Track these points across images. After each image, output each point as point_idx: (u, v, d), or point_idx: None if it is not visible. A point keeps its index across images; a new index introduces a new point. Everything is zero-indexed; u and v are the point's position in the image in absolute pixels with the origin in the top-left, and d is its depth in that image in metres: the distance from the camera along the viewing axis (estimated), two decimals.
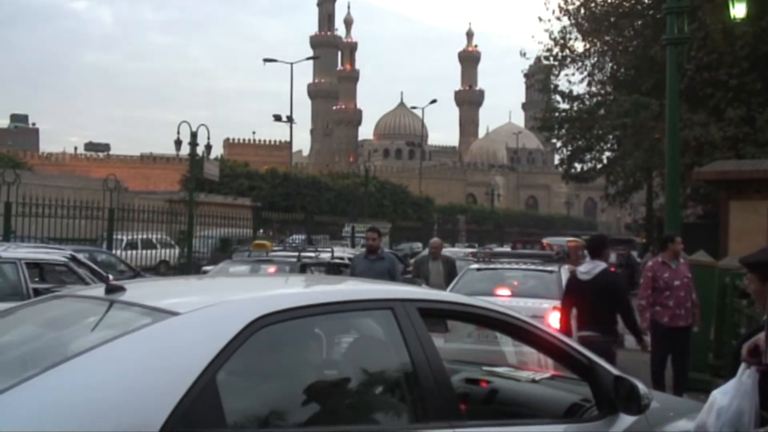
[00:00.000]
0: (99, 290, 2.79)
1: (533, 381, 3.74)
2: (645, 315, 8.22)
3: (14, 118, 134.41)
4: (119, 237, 21.01)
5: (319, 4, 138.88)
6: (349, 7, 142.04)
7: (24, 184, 19.50)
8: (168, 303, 2.53)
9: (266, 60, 45.13)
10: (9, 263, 8.54)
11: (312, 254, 12.94)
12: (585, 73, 22.23)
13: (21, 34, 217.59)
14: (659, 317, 8.19)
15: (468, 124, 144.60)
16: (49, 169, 66.36)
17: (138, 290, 2.91)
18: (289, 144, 60.50)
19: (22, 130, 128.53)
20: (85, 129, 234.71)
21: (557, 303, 8.64)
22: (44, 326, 2.81)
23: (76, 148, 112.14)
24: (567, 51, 21.92)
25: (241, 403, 2.35)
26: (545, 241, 22.66)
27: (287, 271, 10.95)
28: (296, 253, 12.64)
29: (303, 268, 11.37)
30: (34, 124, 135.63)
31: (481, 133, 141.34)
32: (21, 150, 77.53)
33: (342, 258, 14.32)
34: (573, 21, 21.50)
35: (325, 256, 12.94)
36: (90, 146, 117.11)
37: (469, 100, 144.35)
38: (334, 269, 12.36)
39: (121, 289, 2.70)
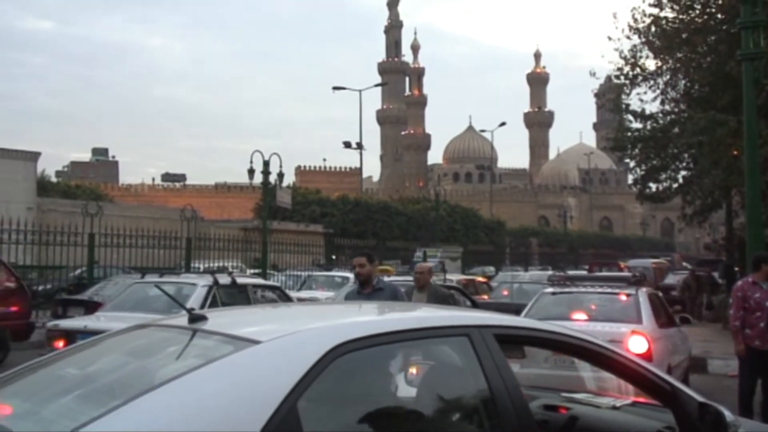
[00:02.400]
0: (182, 319, 2.86)
1: (614, 408, 3.66)
2: (739, 337, 7.97)
3: (95, 151, 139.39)
4: (196, 265, 21.51)
5: (386, 31, 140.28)
6: (415, 33, 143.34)
7: (106, 216, 20.20)
8: (249, 331, 2.58)
9: (335, 88, 45.77)
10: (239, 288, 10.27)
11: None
12: (657, 92, 21.79)
13: (100, 72, 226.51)
14: (749, 340, 7.92)
15: (538, 145, 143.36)
16: (129, 200, 68.44)
17: (219, 319, 2.97)
18: (359, 170, 60.97)
19: (103, 163, 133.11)
20: (162, 160, 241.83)
21: (636, 327, 8.46)
22: (130, 355, 2.89)
23: (153, 179, 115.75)
24: (638, 69, 21.54)
25: (321, 430, 2.38)
26: (623, 263, 22.25)
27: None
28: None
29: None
30: (114, 156, 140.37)
31: (552, 154, 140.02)
32: (102, 182, 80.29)
33: (451, 281, 15.61)
34: (643, 39, 21.14)
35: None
36: (167, 177, 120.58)
37: (539, 121, 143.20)
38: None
39: (204, 318, 2.78)
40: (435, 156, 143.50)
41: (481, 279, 24.75)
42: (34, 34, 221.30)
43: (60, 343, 8.87)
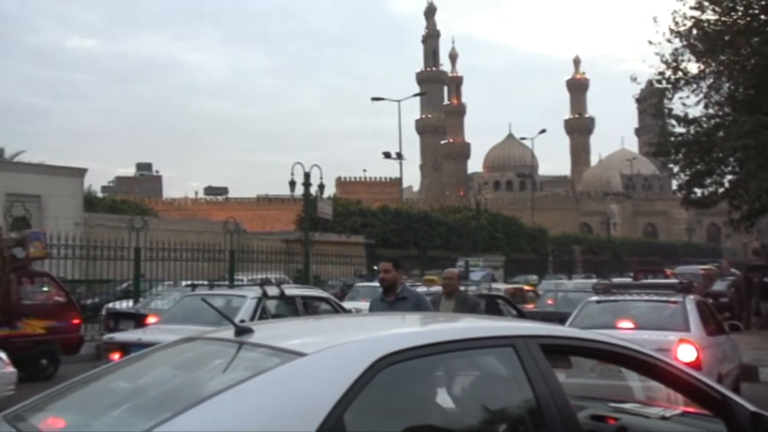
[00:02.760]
0: (229, 332, 2.90)
1: (663, 418, 3.60)
2: None
3: (140, 166, 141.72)
4: (239, 277, 21.71)
5: (424, 41, 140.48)
6: (453, 42, 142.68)
7: (151, 230, 20.51)
8: (294, 344, 2.60)
9: (374, 99, 45.95)
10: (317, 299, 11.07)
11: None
12: (701, 95, 21.47)
13: (142, 87, 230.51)
14: None
15: (579, 152, 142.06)
16: (173, 214, 69.34)
17: (265, 332, 3.00)
18: (400, 180, 61.08)
19: (147, 177, 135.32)
20: (204, 174, 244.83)
21: (684, 335, 8.32)
22: (178, 368, 2.93)
23: (196, 193, 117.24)
24: (680, 73, 21.24)
25: None
26: (670, 270, 21.85)
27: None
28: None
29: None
30: (157, 171, 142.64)
31: (593, 160, 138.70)
32: (146, 197, 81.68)
33: (499, 290, 15.97)
34: (685, 42, 20.85)
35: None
36: (209, 190, 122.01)
37: (580, 128, 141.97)
38: (492, 301, 13.61)
39: (250, 330, 2.81)
40: (475, 164, 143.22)
41: (528, 288, 24.58)
42: (79, 52, 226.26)
43: (116, 356, 9.10)
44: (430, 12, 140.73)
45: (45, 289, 14.58)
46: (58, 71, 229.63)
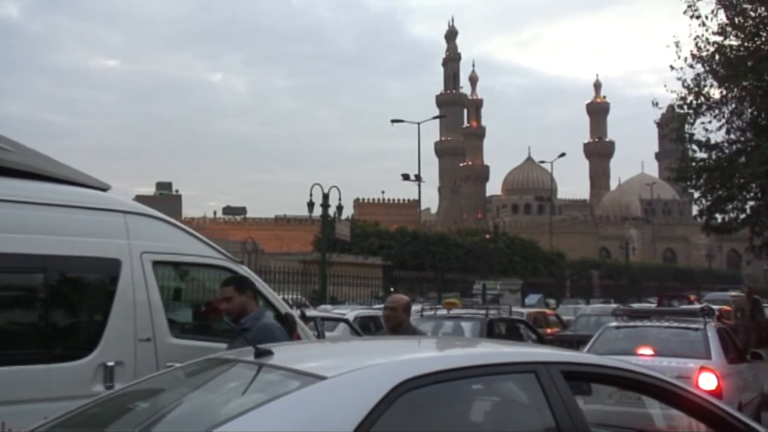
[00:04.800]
0: (248, 354, 2.89)
1: None
2: None
3: (159, 185, 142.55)
4: None
5: (444, 64, 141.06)
6: (473, 65, 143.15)
7: None
8: (314, 366, 2.60)
9: (394, 120, 46.08)
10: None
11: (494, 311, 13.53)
12: (723, 121, 21.32)
13: (162, 107, 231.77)
14: None
15: (598, 176, 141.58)
16: None
17: (285, 354, 3.00)
18: (418, 202, 61.06)
19: (167, 197, 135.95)
20: (222, 194, 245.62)
21: (705, 363, 8.22)
22: (197, 389, 2.93)
23: (215, 213, 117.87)
24: (702, 98, 21.14)
25: None
26: (693, 296, 21.59)
27: (477, 327, 12.02)
28: (483, 311, 13.31)
29: (490, 324, 12.22)
30: (177, 190, 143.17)
31: (613, 185, 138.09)
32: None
33: (522, 314, 15.90)
34: (707, 68, 20.76)
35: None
36: (228, 210, 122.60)
37: (599, 152, 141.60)
38: (513, 325, 13.42)
39: (270, 353, 2.80)
40: (493, 187, 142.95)
41: (550, 311, 24.50)
42: (101, 72, 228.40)
43: None
44: (451, 35, 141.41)
45: None
46: (81, 90, 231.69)
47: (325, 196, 24.50)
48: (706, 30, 20.26)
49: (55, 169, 4.89)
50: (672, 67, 21.51)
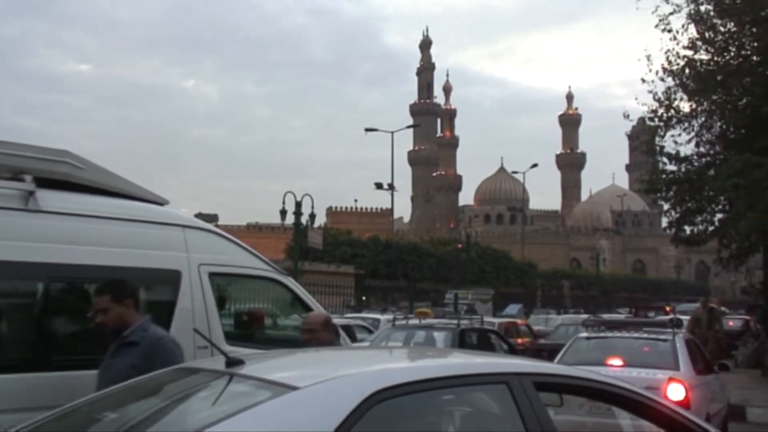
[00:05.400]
0: (219, 363, 2.86)
1: None
2: None
3: None
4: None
5: (418, 73, 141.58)
6: (447, 75, 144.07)
7: None
8: (286, 377, 2.58)
9: (368, 129, 46.15)
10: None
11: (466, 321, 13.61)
12: (692, 134, 21.60)
13: (135, 112, 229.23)
14: None
15: (570, 187, 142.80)
16: None
17: (256, 363, 2.97)
18: (391, 211, 61.07)
19: None
20: (195, 200, 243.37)
21: (674, 374, 8.30)
22: (167, 399, 2.89)
23: None
24: (672, 111, 21.39)
25: None
26: (669, 307, 21.77)
27: (449, 337, 12.10)
28: (455, 321, 13.39)
29: (462, 334, 12.29)
30: None
31: (584, 196, 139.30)
32: None
33: (493, 324, 16.08)
34: (677, 81, 21.03)
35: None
36: (200, 217, 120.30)
37: (571, 163, 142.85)
38: (484, 335, 13.51)
39: (241, 362, 2.78)
40: (466, 197, 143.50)
41: (521, 321, 24.62)
42: (73, 76, 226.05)
43: None
44: (425, 45, 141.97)
45: None
46: (53, 95, 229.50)
47: (298, 204, 24.43)
48: (677, 44, 20.54)
49: (120, 184, 5.23)
50: (643, 80, 21.76)
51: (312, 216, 26.38)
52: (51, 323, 4.71)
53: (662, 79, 21.16)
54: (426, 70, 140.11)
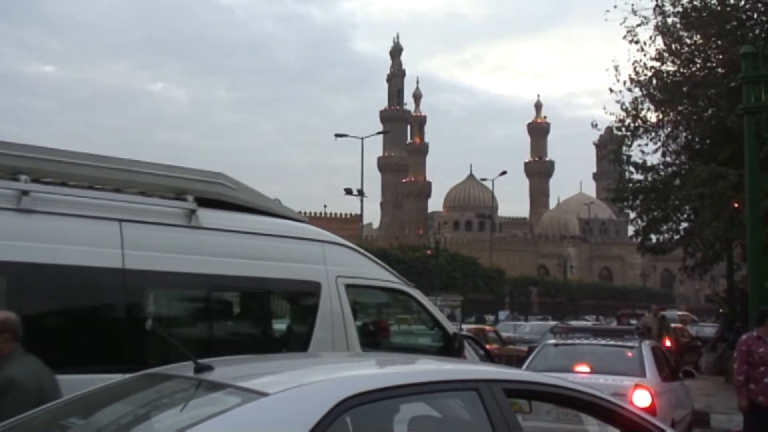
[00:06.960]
0: (188, 369, 2.83)
1: None
2: (743, 392, 7.92)
3: None
4: None
5: (388, 80, 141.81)
6: (417, 82, 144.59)
7: None
8: (256, 383, 2.55)
9: (338, 135, 46.10)
10: None
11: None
12: (659, 144, 21.90)
13: (102, 115, 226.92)
14: (753, 395, 7.85)
15: (538, 195, 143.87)
16: None
17: (226, 369, 2.94)
18: (360, 217, 61.00)
19: None
20: None
21: (640, 380, 8.39)
22: (135, 405, 2.85)
23: None
24: (639, 121, 21.67)
25: None
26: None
27: None
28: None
29: None
30: None
31: (552, 203, 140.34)
32: None
33: (462, 329, 15.44)
34: (645, 92, 21.31)
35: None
36: None
37: (539, 171, 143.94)
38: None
39: (210, 368, 2.75)
40: (435, 204, 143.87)
41: (489, 328, 24.75)
42: (38, 78, 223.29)
43: None
44: (395, 52, 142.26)
45: None
46: (18, 96, 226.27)
47: None
48: (645, 55, 20.82)
49: (266, 203, 5.80)
50: (611, 90, 22.02)
51: None
52: (212, 327, 5.28)
53: (630, 90, 21.44)
54: (396, 77, 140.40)
